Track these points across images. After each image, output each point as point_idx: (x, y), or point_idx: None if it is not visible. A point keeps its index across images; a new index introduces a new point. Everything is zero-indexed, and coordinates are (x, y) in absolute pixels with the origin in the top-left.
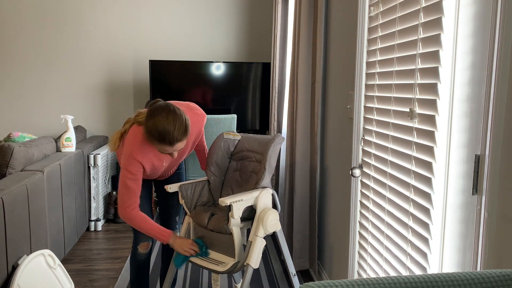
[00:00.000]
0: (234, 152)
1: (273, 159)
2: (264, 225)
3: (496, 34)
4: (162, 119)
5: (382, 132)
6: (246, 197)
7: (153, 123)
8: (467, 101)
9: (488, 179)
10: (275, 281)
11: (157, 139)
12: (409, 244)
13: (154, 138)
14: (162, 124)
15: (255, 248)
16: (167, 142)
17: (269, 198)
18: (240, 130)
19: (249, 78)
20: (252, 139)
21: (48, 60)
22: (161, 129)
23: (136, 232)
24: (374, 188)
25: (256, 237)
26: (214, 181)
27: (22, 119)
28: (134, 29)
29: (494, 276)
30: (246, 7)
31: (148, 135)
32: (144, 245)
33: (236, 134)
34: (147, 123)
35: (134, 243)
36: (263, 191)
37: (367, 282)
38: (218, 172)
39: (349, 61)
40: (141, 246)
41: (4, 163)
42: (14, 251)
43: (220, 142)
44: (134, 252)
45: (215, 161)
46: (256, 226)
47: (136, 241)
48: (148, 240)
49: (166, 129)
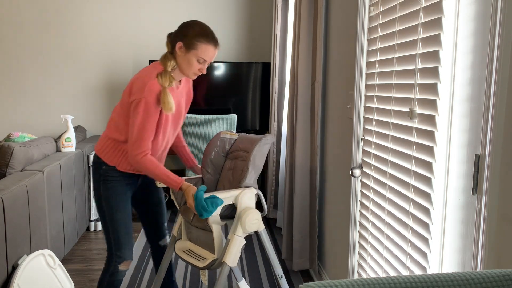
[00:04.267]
0: (229, 151)
1: (259, 159)
2: (242, 224)
3: (496, 34)
4: (198, 23)
5: (382, 132)
6: (225, 195)
7: (192, 26)
8: (467, 101)
9: (488, 179)
10: (275, 281)
11: (203, 37)
12: (409, 244)
13: (199, 37)
14: (201, 25)
15: (232, 247)
16: (212, 39)
17: (251, 198)
18: (240, 130)
19: (249, 78)
20: (246, 139)
21: (48, 60)
22: (204, 28)
23: (119, 248)
24: (374, 188)
25: (234, 236)
26: (208, 179)
27: (22, 119)
28: (134, 29)
29: (494, 276)
30: (246, 7)
31: (189, 40)
32: (127, 263)
33: (233, 134)
34: (181, 33)
35: (115, 261)
36: (244, 190)
37: (367, 282)
38: (212, 171)
39: (349, 61)
40: (124, 264)
41: (4, 163)
42: (14, 251)
43: (216, 141)
44: (113, 272)
45: (210, 159)
46: (235, 225)
47: (118, 259)
48: (132, 257)
49: (207, 27)
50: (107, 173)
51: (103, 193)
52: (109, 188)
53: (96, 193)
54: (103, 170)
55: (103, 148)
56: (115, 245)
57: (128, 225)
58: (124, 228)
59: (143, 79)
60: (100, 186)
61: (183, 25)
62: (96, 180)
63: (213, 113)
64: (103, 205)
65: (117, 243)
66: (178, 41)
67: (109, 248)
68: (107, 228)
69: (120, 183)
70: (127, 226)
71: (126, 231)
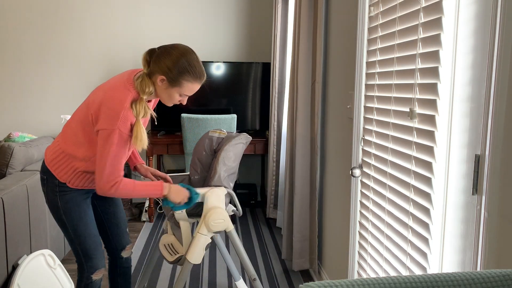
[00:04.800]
0: (216, 149)
1: (229, 158)
2: (207, 223)
3: (496, 34)
4: (186, 54)
5: (382, 132)
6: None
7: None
8: (467, 101)
9: (488, 179)
10: (275, 281)
11: (190, 75)
12: (409, 244)
13: (186, 75)
14: (188, 59)
15: (195, 245)
16: (200, 77)
17: (219, 197)
18: (240, 130)
19: (249, 78)
20: (230, 137)
21: (48, 60)
22: (192, 63)
23: (89, 259)
24: (374, 188)
25: (198, 234)
26: (194, 178)
27: (22, 119)
28: (134, 29)
29: (494, 276)
30: (246, 7)
31: (173, 76)
32: (100, 272)
33: (222, 132)
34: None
35: (87, 272)
36: (213, 189)
37: (367, 282)
38: (200, 169)
39: (349, 61)
40: (96, 274)
41: (4, 163)
42: (14, 251)
43: (204, 139)
44: (87, 283)
45: (198, 158)
46: (200, 223)
47: (89, 269)
48: (104, 265)
49: (195, 61)
50: (62, 184)
51: (61, 206)
52: (68, 200)
53: (52, 205)
54: (58, 181)
55: (54, 162)
56: (84, 257)
57: (94, 233)
58: (90, 237)
59: (115, 107)
60: (57, 199)
61: (167, 54)
62: (51, 192)
63: (213, 113)
64: (63, 218)
65: (86, 255)
66: (161, 75)
67: (78, 259)
68: (72, 240)
69: (78, 193)
70: (94, 235)
71: (93, 240)
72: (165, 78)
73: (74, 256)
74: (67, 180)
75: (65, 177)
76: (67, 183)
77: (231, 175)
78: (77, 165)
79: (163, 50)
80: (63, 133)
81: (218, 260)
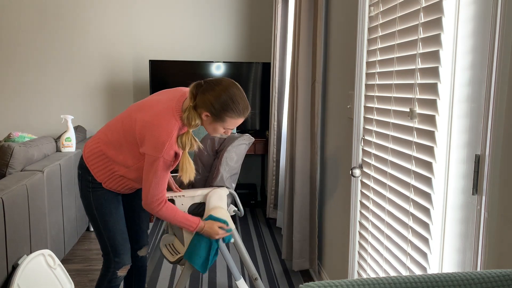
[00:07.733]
0: (218, 150)
1: (232, 158)
2: None
3: (496, 34)
4: (228, 87)
5: (382, 132)
6: (192, 194)
7: (223, 99)
8: (467, 101)
9: (488, 179)
10: (275, 281)
11: (234, 112)
12: (409, 244)
13: (230, 113)
14: (233, 97)
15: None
16: (243, 113)
17: (221, 197)
18: (240, 130)
19: (249, 78)
20: (233, 138)
21: (48, 60)
22: (236, 101)
23: (118, 255)
24: (374, 188)
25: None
26: (196, 178)
27: (22, 119)
28: (134, 29)
29: (494, 276)
30: (246, 7)
31: (217, 113)
32: (126, 268)
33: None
34: (210, 104)
35: (114, 267)
36: (215, 189)
37: (367, 282)
38: (201, 170)
39: (349, 61)
40: (122, 270)
41: (4, 163)
42: (14, 251)
43: (206, 140)
44: (111, 278)
45: (200, 158)
46: None
47: (116, 265)
48: (130, 261)
49: (240, 99)
50: (96, 181)
51: (93, 202)
52: (99, 196)
53: (85, 200)
54: (92, 177)
55: (94, 161)
56: (112, 252)
57: (124, 230)
58: (120, 233)
59: (161, 137)
60: (90, 194)
61: (211, 90)
62: (85, 187)
63: None
64: (94, 213)
65: (114, 250)
66: (205, 110)
67: (105, 254)
68: (101, 234)
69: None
70: (123, 231)
71: (122, 237)
72: (209, 114)
73: (101, 250)
74: (103, 180)
75: (102, 177)
76: (102, 183)
77: (234, 175)
78: (116, 168)
79: (208, 86)
80: (105, 136)
81: (219, 260)
